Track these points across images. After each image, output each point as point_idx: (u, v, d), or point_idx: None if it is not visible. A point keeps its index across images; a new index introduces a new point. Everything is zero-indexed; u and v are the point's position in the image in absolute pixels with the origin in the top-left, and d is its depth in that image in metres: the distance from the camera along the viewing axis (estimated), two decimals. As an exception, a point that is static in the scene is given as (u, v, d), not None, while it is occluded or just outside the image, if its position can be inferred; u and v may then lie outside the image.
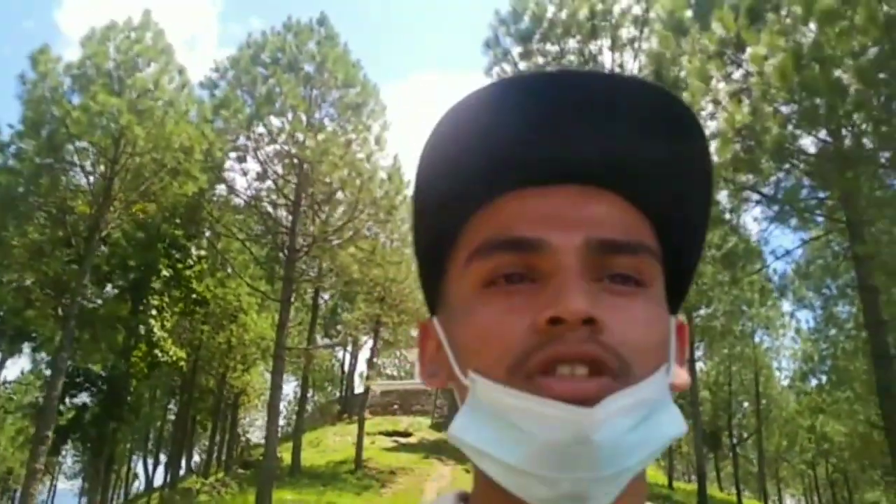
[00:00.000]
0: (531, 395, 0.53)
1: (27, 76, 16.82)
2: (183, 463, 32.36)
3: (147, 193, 18.55)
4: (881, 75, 11.22)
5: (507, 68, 18.98)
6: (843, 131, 13.67)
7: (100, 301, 21.82)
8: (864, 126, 13.23)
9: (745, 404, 39.38)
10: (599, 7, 18.85)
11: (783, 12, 13.22)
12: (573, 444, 0.51)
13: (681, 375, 0.61)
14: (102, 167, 17.70)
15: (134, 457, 44.06)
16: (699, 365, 35.67)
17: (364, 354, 37.90)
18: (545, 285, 0.56)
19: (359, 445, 26.60)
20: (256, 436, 51.47)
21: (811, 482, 49.83)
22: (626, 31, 19.52)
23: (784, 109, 13.07)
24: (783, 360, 40.51)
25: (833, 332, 31.42)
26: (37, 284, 18.17)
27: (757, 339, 36.91)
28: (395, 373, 52.35)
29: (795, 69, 11.39)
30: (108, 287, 23.21)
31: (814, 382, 35.29)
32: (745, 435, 39.31)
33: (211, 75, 21.69)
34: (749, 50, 13.93)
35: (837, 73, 11.88)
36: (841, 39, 11.26)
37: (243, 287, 26.61)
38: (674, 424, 0.56)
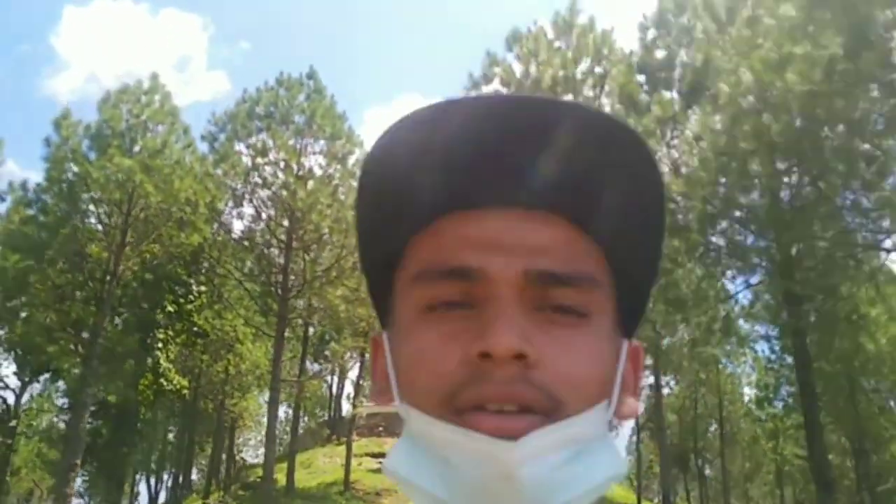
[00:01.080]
0: (458, 428, 0.52)
1: (52, 139, 18.57)
2: (181, 480, 33.60)
3: (157, 240, 20.18)
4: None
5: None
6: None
7: (109, 334, 23.29)
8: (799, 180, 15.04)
9: (714, 426, 40.87)
10: (561, 73, 20.56)
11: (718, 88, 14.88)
12: (496, 480, 0.50)
13: (629, 405, 0.60)
14: (116, 217, 19.35)
15: (137, 475, 45.31)
16: (665, 390, 37.15)
17: (351, 375, 39.34)
18: (481, 313, 0.55)
19: (347, 468, 28.17)
20: (250, 455, 52.56)
21: (780, 502, 51.14)
22: (586, 92, 21.29)
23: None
24: (746, 387, 41.83)
25: (790, 359, 32.58)
26: (57, 323, 19.65)
27: (722, 365, 38.43)
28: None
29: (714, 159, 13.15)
30: (117, 320, 24.76)
31: (780, 405, 36.60)
32: (711, 457, 40.76)
33: (210, 128, 23.52)
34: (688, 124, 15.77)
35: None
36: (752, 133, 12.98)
37: (239, 318, 28.16)
38: (611, 464, 0.55)
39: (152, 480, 41.59)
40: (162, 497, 43.10)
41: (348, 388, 45.81)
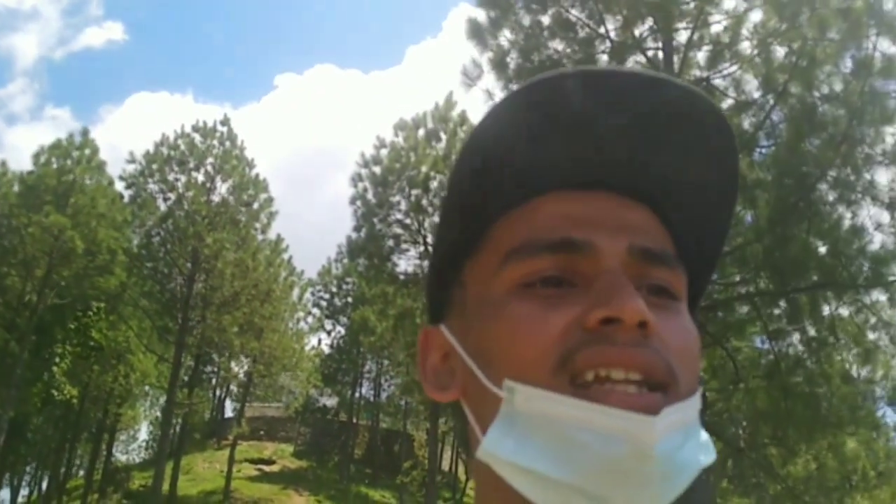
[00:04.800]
0: (590, 404, 0.54)
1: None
2: (56, 481, 39.14)
3: (76, 280, 26.18)
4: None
5: (371, 199, 27.06)
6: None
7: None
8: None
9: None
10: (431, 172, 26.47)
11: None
12: (632, 457, 0.53)
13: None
14: (41, 260, 25.19)
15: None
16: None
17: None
18: (588, 288, 0.59)
19: (228, 477, 34.05)
20: (119, 450, 57.69)
21: None
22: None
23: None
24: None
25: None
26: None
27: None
28: (262, 393, 59.24)
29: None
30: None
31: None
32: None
33: (129, 167, 29.25)
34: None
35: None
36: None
37: (133, 330, 33.74)
38: (708, 449, 0.60)
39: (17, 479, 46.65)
40: (23, 494, 48.31)
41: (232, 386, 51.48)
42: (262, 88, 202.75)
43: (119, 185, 28.57)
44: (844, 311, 11.69)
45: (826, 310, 11.45)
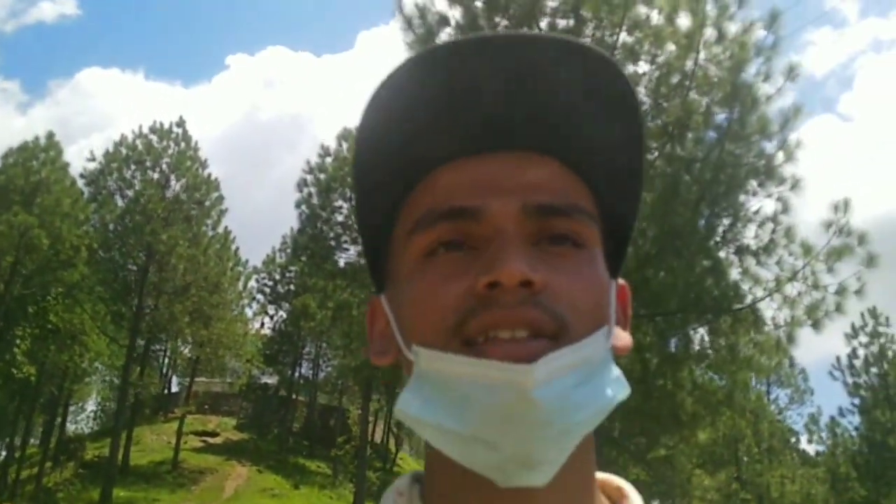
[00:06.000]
0: (471, 359, 0.57)
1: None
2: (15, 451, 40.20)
3: (39, 272, 27.53)
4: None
5: (315, 202, 28.90)
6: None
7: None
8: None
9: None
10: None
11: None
12: (515, 403, 0.55)
13: (623, 338, 0.67)
14: (10, 256, 26.51)
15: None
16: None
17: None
18: (484, 251, 0.61)
19: (176, 448, 35.72)
20: (70, 420, 58.48)
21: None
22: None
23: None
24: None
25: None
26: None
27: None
28: (208, 373, 60.38)
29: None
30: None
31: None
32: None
33: (88, 165, 30.58)
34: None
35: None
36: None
37: (87, 314, 34.97)
38: (618, 386, 0.61)
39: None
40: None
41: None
42: (214, 68, 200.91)
43: (80, 182, 29.86)
44: (700, 332, 14.06)
45: (684, 331, 13.79)
